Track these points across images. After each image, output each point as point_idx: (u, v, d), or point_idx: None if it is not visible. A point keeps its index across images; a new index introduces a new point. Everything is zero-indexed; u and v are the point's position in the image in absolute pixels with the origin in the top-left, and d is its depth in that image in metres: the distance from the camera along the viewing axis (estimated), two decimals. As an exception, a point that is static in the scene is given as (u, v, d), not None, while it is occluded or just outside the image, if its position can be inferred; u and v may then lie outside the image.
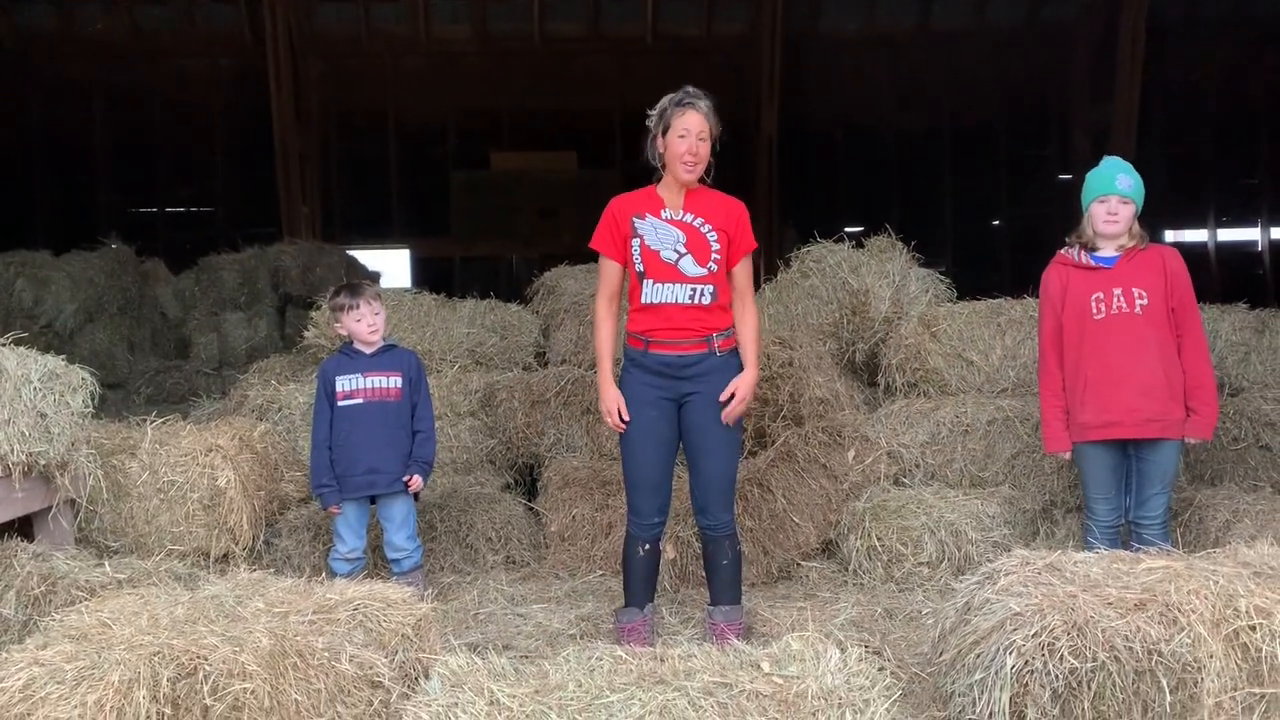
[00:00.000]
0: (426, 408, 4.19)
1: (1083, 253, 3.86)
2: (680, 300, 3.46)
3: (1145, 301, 3.73)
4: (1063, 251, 3.93)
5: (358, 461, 4.01)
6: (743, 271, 3.60)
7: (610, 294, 3.60)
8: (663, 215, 3.51)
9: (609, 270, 3.59)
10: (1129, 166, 3.87)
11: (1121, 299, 3.74)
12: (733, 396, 3.48)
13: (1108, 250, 3.83)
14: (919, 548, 4.45)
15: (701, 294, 3.47)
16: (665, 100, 3.53)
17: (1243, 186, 15.38)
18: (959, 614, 2.64)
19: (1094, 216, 3.83)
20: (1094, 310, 3.76)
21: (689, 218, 3.51)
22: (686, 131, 3.46)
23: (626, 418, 3.51)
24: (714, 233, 3.50)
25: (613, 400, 3.52)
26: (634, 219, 3.52)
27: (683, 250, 3.48)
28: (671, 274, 3.47)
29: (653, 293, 3.48)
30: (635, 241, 3.50)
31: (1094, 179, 3.89)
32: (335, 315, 4.18)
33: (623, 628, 3.60)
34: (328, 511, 4.11)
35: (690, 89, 3.51)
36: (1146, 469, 3.80)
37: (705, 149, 3.49)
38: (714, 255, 3.49)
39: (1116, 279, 3.77)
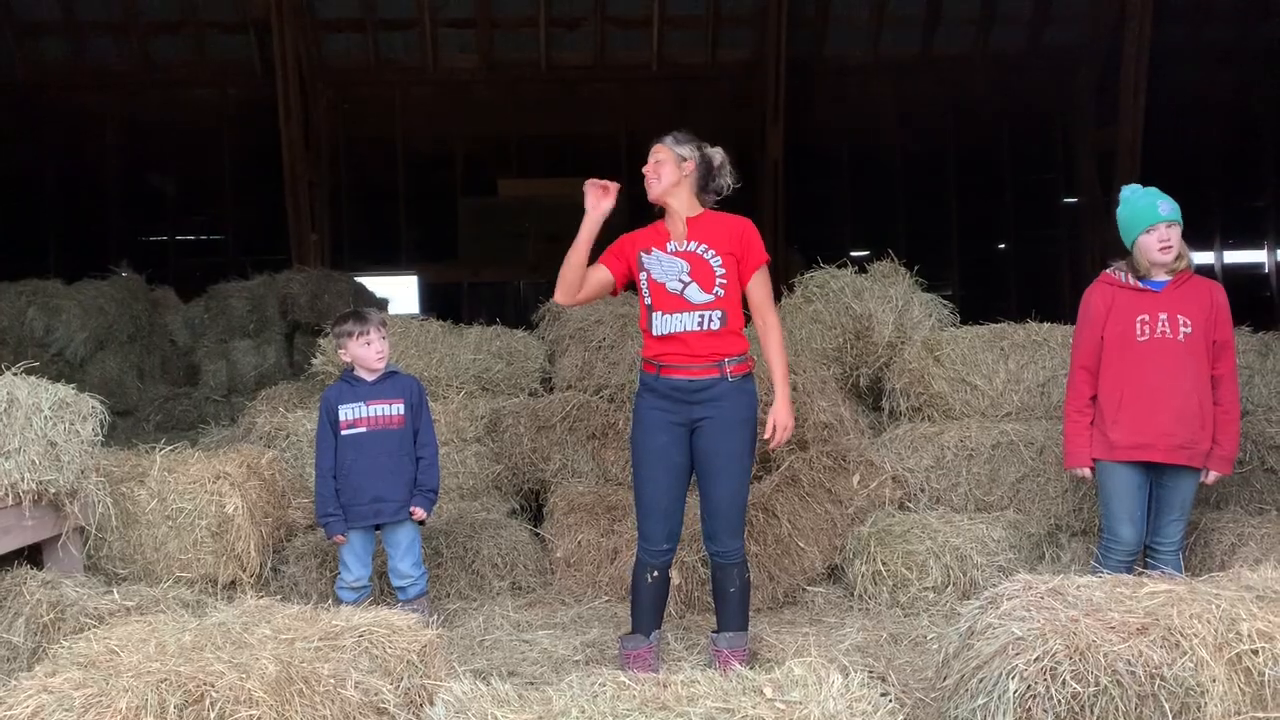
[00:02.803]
0: (429, 433, 4.20)
1: (1130, 275, 3.84)
2: (690, 328, 3.49)
3: (1189, 330, 3.72)
4: (1108, 271, 3.91)
5: (363, 490, 4.02)
6: (758, 287, 3.60)
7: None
8: (668, 249, 3.57)
9: (596, 273, 3.63)
10: (1158, 190, 3.83)
11: (1166, 324, 3.73)
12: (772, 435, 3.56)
13: (1159, 275, 3.81)
14: (924, 572, 4.46)
15: (710, 319, 3.50)
16: None
17: (1249, 208, 15.37)
18: (962, 639, 2.64)
19: (1146, 248, 3.77)
20: (1138, 332, 3.75)
21: (692, 246, 3.56)
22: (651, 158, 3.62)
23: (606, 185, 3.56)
24: (718, 257, 3.54)
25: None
26: (641, 254, 3.60)
27: (687, 279, 3.52)
28: (678, 304, 3.51)
29: (663, 324, 3.52)
30: (643, 275, 3.58)
31: (1133, 212, 3.84)
32: (341, 341, 4.18)
33: (628, 654, 3.61)
34: (333, 540, 4.13)
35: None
36: (1168, 495, 3.80)
37: (662, 167, 3.58)
38: (719, 280, 3.52)
39: (1163, 304, 3.76)
